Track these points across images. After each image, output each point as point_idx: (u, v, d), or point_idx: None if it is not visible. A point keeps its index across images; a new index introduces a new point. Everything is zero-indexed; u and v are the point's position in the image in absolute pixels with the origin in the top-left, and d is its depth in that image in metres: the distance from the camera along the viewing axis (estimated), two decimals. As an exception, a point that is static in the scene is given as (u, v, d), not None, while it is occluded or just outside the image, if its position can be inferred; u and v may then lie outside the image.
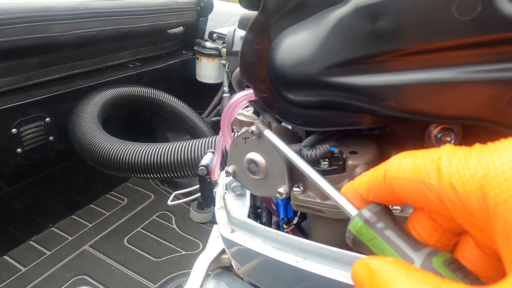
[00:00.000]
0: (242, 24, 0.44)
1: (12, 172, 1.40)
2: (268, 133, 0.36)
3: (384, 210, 0.21)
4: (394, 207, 0.34)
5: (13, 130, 1.29)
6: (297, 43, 0.33)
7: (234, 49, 0.47)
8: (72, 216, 1.70)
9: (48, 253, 1.50)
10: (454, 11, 0.25)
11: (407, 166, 0.19)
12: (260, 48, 0.36)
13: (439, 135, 0.34)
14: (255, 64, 0.36)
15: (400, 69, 0.28)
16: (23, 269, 1.42)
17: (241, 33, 0.47)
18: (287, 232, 0.47)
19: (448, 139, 0.34)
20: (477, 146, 0.17)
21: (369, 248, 0.20)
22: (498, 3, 0.24)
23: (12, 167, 1.36)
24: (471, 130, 0.35)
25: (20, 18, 1.13)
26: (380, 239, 0.20)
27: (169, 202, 0.67)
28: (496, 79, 0.25)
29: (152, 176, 1.17)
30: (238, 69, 0.44)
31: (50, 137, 1.42)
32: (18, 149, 1.33)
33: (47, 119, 1.39)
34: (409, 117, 0.29)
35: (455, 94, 0.27)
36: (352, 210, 0.22)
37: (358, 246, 0.21)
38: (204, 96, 1.96)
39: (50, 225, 1.63)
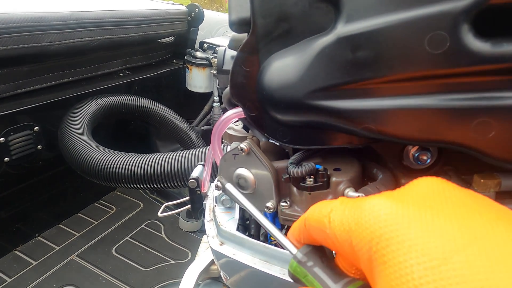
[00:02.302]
0: (232, 45, 0.46)
1: (-2, 181, 1.39)
2: (229, 186, 0.40)
3: (313, 250, 0.25)
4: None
5: (1, 139, 1.28)
6: (284, 67, 0.35)
7: (225, 68, 0.49)
8: (59, 225, 1.68)
9: (34, 263, 1.47)
10: (426, 45, 0.27)
11: (314, 216, 0.24)
12: (250, 70, 0.38)
13: (416, 154, 0.36)
14: (245, 85, 0.38)
15: (378, 95, 0.30)
16: (8, 280, 1.40)
17: (231, 52, 0.49)
18: (275, 244, 0.49)
19: (425, 157, 0.36)
20: (353, 203, 0.22)
21: (304, 283, 0.25)
22: (465, 39, 0.26)
23: (-2, 176, 1.35)
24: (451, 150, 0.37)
25: (10, 28, 1.13)
26: (310, 276, 0.24)
27: (159, 214, 0.68)
28: (464, 107, 0.28)
29: (142, 186, 1.17)
30: (228, 87, 0.46)
31: (39, 146, 1.41)
32: (6, 158, 1.32)
33: (36, 128, 1.38)
34: (387, 139, 0.31)
35: (428, 119, 0.29)
36: (292, 250, 0.27)
37: (296, 281, 0.26)
38: (194, 105, 1.98)
39: (37, 235, 1.61)
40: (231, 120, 0.45)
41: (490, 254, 0.16)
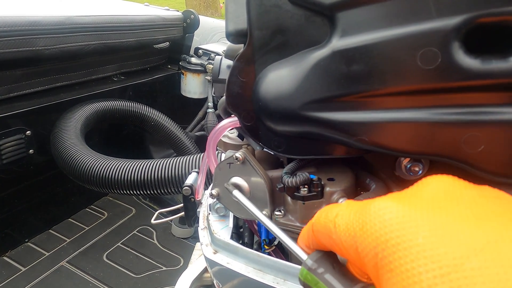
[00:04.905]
0: (228, 55, 0.47)
1: (-12, 185, 1.37)
2: (236, 193, 0.41)
3: (324, 256, 0.25)
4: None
5: (-8, 143, 1.27)
6: (279, 79, 0.35)
7: (221, 77, 0.50)
8: (50, 230, 1.66)
9: (23, 269, 1.45)
10: (418, 61, 0.28)
11: (321, 221, 0.24)
12: (246, 81, 0.38)
13: (408, 165, 0.37)
14: (241, 95, 0.39)
15: (371, 108, 0.31)
16: (-4, 287, 1.37)
17: (228, 62, 0.50)
18: (268, 253, 0.49)
19: (417, 169, 0.37)
20: (359, 206, 0.22)
21: None
22: (456, 55, 0.27)
23: (-12, 180, 1.33)
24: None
25: (4, 31, 1.12)
26: (322, 283, 0.24)
27: (152, 221, 0.68)
28: (455, 121, 0.28)
29: (135, 192, 1.17)
30: (224, 97, 0.46)
31: (30, 150, 1.40)
32: (-4, 163, 1.30)
33: (28, 132, 1.37)
34: (380, 151, 0.32)
35: (420, 133, 0.30)
36: (303, 256, 0.26)
37: None
38: (188, 110, 1.98)
39: (26, 240, 1.58)
40: (227, 128, 0.46)
41: (505, 259, 0.15)
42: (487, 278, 0.15)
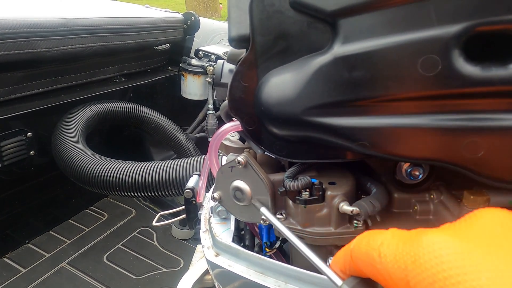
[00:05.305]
0: (230, 59, 0.47)
1: (-12, 187, 1.37)
2: (265, 211, 0.40)
3: (361, 282, 0.24)
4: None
5: (-7, 144, 1.27)
6: (281, 84, 0.36)
7: (223, 81, 0.50)
8: (50, 232, 1.66)
9: (24, 270, 1.45)
10: (419, 68, 0.28)
11: (362, 248, 0.23)
12: (248, 86, 0.38)
13: (409, 170, 0.37)
14: (243, 99, 0.39)
15: (373, 114, 0.31)
16: (-4, 288, 1.37)
17: (229, 66, 0.50)
18: (270, 256, 0.49)
19: (417, 173, 0.38)
20: (408, 237, 0.21)
21: None
22: (456, 63, 0.27)
23: (-11, 182, 1.34)
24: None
25: (5, 33, 1.12)
26: None
27: (154, 223, 0.68)
28: (455, 127, 0.29)
29: (136, 194, 1.17)
30: (226, 101, 0.46)
31: (31, 152, 1.40)
32: (-3, 164, 1.30)
33: (29, 133, 1.37)
34: (381, 156, 0.32)
35: (420, 138, 0.30)
36: (337, 281, 0.25)
37: None
38: (188, 112, 1.98)
39: (26, 242, 1.58)
40: (229, 132, 0.46)
41: None
42: None
